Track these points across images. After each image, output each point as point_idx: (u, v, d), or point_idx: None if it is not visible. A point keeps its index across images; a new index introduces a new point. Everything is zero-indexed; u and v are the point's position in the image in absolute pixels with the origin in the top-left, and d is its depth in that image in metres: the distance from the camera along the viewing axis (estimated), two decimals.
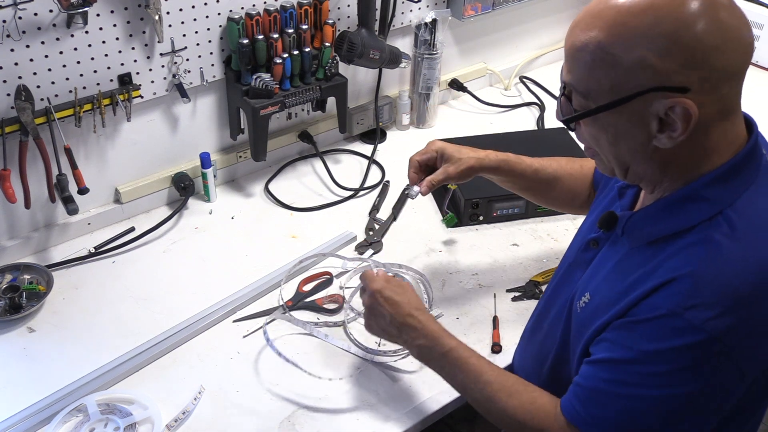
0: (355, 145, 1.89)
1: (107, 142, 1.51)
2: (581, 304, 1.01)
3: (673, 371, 0.86)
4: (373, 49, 1.67)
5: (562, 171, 1.33)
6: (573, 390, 0.97)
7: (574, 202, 1.36)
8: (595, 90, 0.88)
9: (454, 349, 1.08)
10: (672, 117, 0.84)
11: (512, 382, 1.05)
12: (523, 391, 1.03)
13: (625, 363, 0.89)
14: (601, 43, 0.85)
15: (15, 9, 1.24)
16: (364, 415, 1.20)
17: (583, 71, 0.88)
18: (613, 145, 0.92)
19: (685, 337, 0.84)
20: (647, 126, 0.87)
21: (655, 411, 0.88)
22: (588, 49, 0.86)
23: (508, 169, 1.30)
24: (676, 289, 0.85)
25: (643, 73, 0.83)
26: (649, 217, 0.94)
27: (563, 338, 1.07)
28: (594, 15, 0.87)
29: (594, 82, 0.88)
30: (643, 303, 0.88)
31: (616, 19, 0.84)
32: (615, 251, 0.99)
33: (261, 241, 1.56)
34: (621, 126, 0.89)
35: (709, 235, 0.87)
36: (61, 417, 1.16)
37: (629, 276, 0.92)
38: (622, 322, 0.90)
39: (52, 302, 1.38)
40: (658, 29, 0.82)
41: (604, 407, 0.92)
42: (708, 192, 0.89)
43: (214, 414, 1.19)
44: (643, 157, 0.91)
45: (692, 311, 0.84)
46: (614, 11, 0.85)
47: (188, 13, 1.47)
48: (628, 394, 0.89)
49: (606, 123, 0.90)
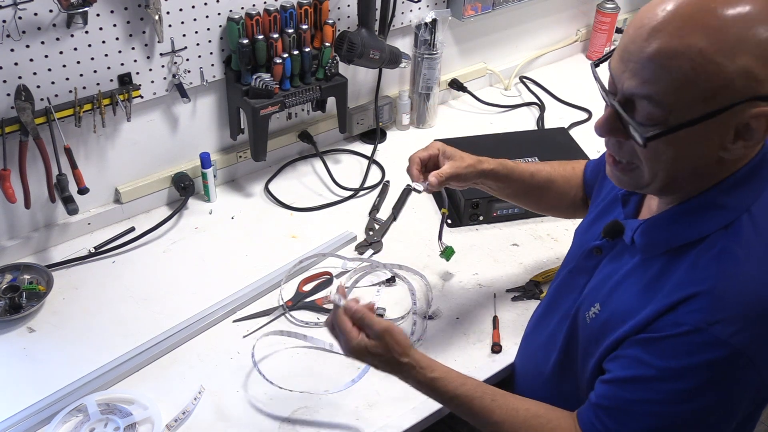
0: (355, 145, 1.89)
1: (107, 142, 1.51)
2: (591, 315, 0.99)
3: (700, 386, 0.85)
4: (373, 49, 1.67)
5: (556, 174, 1.32)
6: (594, 412, 0.94)
7: (564, 205, 1.35)
8: (686, 102, 0.80)
9: (456, 391, 1.02)
10: (753, 126, 0.80)
11: (522, 416, 1.00)
12: (536, 424, 0.99)
13: (649, 381, 0.88)
14: (702, 50, 0.77)
15: (15, 9, 1.24)
16: (364, 415, 1.20)
17: (674, 82, 0.79)
18: (675, 161, 0.85)
19: (711, 352, 0.83)
20: (723, 137, 0.81)
21: (682, 425, 0.87)
22: (685, 58, 0.78)
23: (506, 172, 1.25)
24: (699, 305, 0.84)
25: (743, 82, 0.77)
26: (663, 225, 0.92)
27: (567, 345, 1.06)
28: (686, 19, 0.78)
29: (687, 95, 0.79)
30: (663, 319, 0.86)
31: (715, 24, 0.77)
32: (623, 260, 0.98)
33: (261, 241, 1.56)
34: (694, 140, 0.82)
35: (727, 246, 0.85)
36: (61, 417, 1.16)
37: (643, 288, 0.91)
38: (642, 338, 0.88)
39: (52, 302, 1.38)
40: (760, 35, 0.76)
41: (630, 427, 0.90)
42: (725, 199, 0.87)
43: (214, 414, 1.19)
44: (703, 166, 0.85)
45: (717, 326, 0.82)
46: (711, 15, 0.77)
47: (188, 13, 1.47)
48: (653, 411, 0.88)
49: (680, 138, 0.82)
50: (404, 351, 1.01)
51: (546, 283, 1.45)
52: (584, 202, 1.33)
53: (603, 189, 1.15)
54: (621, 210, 1.04)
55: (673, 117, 0.81)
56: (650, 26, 0.80)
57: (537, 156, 1.69)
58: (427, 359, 1.04)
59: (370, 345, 1.01)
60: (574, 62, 2.36)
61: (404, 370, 1.02)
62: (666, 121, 0.81)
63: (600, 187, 1.17)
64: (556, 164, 1.34)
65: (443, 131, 1.95)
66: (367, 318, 1.01)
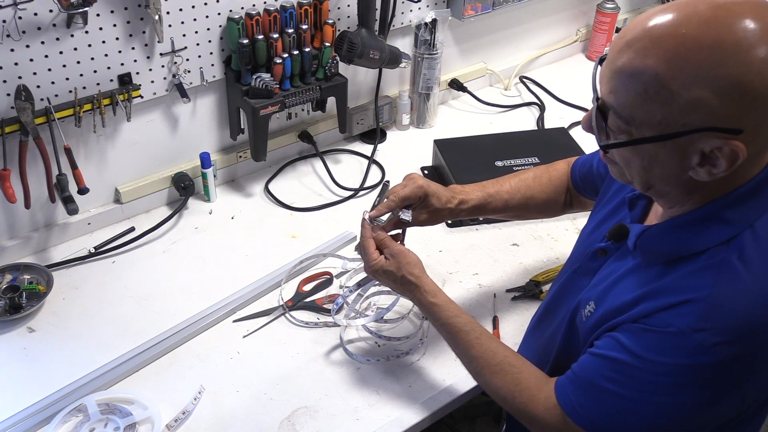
0: (355, 145, 1.89)
1: (107, 142, 1.51)
2: (586, 313, 1.00)
3: (676, 384, 0.86)
4: (373, 49, 1.67)
5: (530, 191, 1.31)
6: (570, 376, 0.97)
7: (552, 211, 1.36)
8: (641, 120, 0.82)
9: (451, 319, 1.11)
10: (717, 155, 0.80)
11: (499, 359, 1.06)
12: (509, 370, 1.04)
13: (629, 367, 0.89)
14: (658, 75, 0.78)
15: (15, 9, 1.24)
16: (364, 415, 1.20)
17: (631, 99, 0.81)
18: (645, 170, 0.87)
19: (692, 356, 0.84)
20: (687, 159, 0.82)
21: (647, 416, 0.88)
22: (642, 79, 0.80)
23: (477, 212, 1.29)
24: (689, 310, 0.84)
25: (697, 113, 0.78)
26: (665, 234, 0.92)
27: (565, 345, 1.07)
28: (653, 40, 0.79)
29: (641, 113, 0.81)
30: (656, 315, 0.87)
31: (678, 52, 0.77)
32: (624, 262, 0.98)
33: (261, 241, 1.56)
34: (659, 155, 0.84)
35: (727, 258, 0.85)
36: (61, 417, 1.16)
37: (641, 288, 0.91)
38: (635, 326, 0.89)
39: (52, 302, 1.38)
40: (722, 70, 0.76)
41: (597, 401, 0.92)
42: (729, 213, 0.86)
43: (214, 414, 1.19)
44: (674, 182, 0.87)
45: (702, 334, 0.83)
46: (677, 41, 0.77)
47: (188, 13, 1.47)
48: (624, 394, 0.89)
49: (643, 151, 0.85)
50: (412, 272, 1.15)
51: (546, 283, 1.45)
52: (576, 200, 1.34)
53: (610, 189, 1.14)
54: (628, 213, 1.04)
55: (635, 130, 0.83)
56: (625, 39, 0.82)
57: (537, 156, 1.69)
58: (434, 286, 1.15)
59: (386, 264, 1.16)
60: (574, 62, 2.36)
61: (411, 289, 1.15)
62: (630, 132, 0.84)
63: (607, 187, 1.16)
64: (530, 178, 1.32)
65: (443, 131, 1.95)
66: (387, 241, 1.18)
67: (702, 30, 0.77)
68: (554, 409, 0.96)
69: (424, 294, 1.14)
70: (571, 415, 0.94)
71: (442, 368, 1.27)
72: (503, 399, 1.04)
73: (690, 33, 0.77)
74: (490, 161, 1.68)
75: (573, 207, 1.36)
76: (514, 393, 1.02)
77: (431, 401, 1.22)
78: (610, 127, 0.86)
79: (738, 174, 0.84)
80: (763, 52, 0.76)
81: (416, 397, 1.23)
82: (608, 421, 0.91)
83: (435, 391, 1.23)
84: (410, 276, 1.14)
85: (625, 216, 1.04)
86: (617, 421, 0.90)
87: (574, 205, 1.35)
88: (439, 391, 1.23)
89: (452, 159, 1.70)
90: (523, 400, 1.01)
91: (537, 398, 1.00)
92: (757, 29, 0.76)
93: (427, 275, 1.16)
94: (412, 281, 1.14)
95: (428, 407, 1.21)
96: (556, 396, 0.97)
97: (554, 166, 1.36)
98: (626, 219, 1.03)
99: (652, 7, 0.85)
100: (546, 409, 0.98)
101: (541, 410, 0.98)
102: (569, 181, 1.33)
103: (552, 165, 1.36)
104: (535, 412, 0.99)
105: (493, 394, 1.06)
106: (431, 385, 1.24)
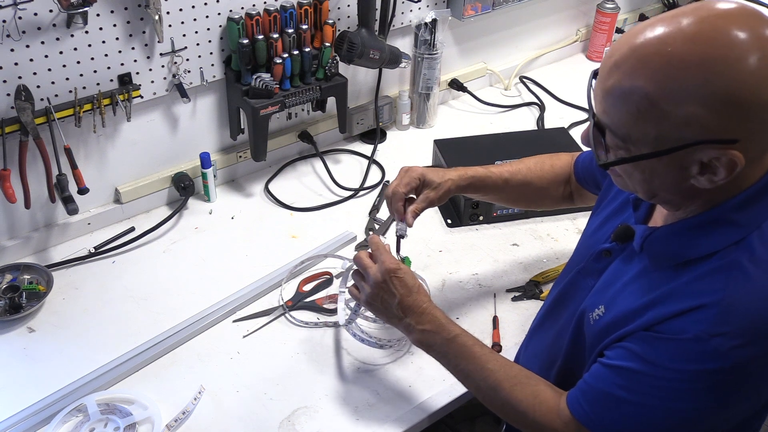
0: (355, 145, 1.89)
1: (107, 142, 1.51)
2: (594, 316, 1.00)
3: (693, 390, 0.85)
4: (373, 49, 1.67)
5: (531, 175, 1.31)
6: (582, 388, 0.96)
7: (549, 201, 1.36)
8: (637, 138, 0.83)
9: (459, 336, 1.08)
10: (716, 164, 0.81)
11: (516, 372, 1.05)
12: (527, 382, 1.03)
13: (645, 375, 0.88)
14: (648, 95, 0.79)
15: (15, 9, 1.24)
16: (364, 415, 1.20)
17: (624, 118, 0.83)
18: (646, 181, 0.88)
19: (709, 362, 0.83)
20: (687, 169, 0.83)
21: (665, 422, 0.88)
22: (632, 99, 0.80)
23: (479, 185, 1.28)
24: (704, 316, 0.84)
25: (691, 128, 0.79)
26: (672, 237, 0.91)
27: (572, 347, 1.07)
28: (641, 59, 0.80)
29: (636, 131, 0.82)
30: (668, 322, 0.87)
31: (665, 71, 0.78)
32: (631, 264, 0.98)
33: (261, 241, 1.56)
34: (658, 168, 0.85)
35: (737, 260, 0.85)
36: (61, 417, 1.16)
37: (650, 292, 0.91)
38: (647, 335, 0.89)
39: (52, 302, 1.38)
40: (711, 86, 0.76)
41: (613, 410, 0.91)
42: (736, 215, 0.86)
43: (214, 414, 1.19)
44: (677, 190, 0.87)
45: (718, 339, 0.82)
46: (664, 61, 0.78)
47: (188, 13, 1.47)
48: (640, 402, 0.89)
49: (642, 165, 0.86)
50: (427, 295, 1.12)
51: (546, 284, 1.45)
52: (578, 194, 1.34)
53: (612, 188, 1.14)
54: (632, 213, 1.03)
55: (633, 147, 0.84)
56: (613, 59, 0.83)
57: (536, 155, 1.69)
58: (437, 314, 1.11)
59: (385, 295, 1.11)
60: (574, 62, 2.36)
61: (419, 306, 1.10)
62: (628, 149, 0.85)
63: (608, 186, 1.16)
64: (531, 163, 1.33)
65: (443, 131, 1.95)
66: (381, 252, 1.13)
67: (687, 47, 0.77)
68: (571, 423, 0.95)
69: (434, 310, 1.11)
70: (588, 427, 0.93)
71: (442, 368, 1.26)
72: (522, 413, 1.01)
73: (676, 51, 0.78)
74: (490, 161, 1.67)
75: (573, 201, 1.36)
76: (534, 406, 1.00)
77: (431, 401, 1.22)
78: (608, 143, 0.87)
79: (742, 177, 0.84)
80: (749, 63, 0.76)
81: (416, 397, 1.23)
82: (627, 428, 0.90)
83: (435, 391, 1.23)
84: (425, 297, 1.11)
85: (629, 216, 1.04)
86: (636, 428, 0.90)
87: (574, 199, 1.35)
88: (439, 391, 1.23)
89: (452, 159, 1.70)
90: (542, 412, 0.99)
91: (555, 411, 0.98)
92: (742, 42, 0.76)
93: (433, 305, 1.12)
94: (424, 300, 1.11)
95: (428, 407, 1.21)
96: (569, 408, 0.96)
97: (558, 155, 1.36)
98: (630, 219, 1.03)
99: (636, 25, 0.85)
100: (564, 424, 0.96)
101: (559, 424, 0.97)
102: (572, 172, 1.33)
103: (556, 154, 1.36)
104: (554, 425, 0.98)
105: (512, 408, 1.02)
106: (431, 385, 1.24)
